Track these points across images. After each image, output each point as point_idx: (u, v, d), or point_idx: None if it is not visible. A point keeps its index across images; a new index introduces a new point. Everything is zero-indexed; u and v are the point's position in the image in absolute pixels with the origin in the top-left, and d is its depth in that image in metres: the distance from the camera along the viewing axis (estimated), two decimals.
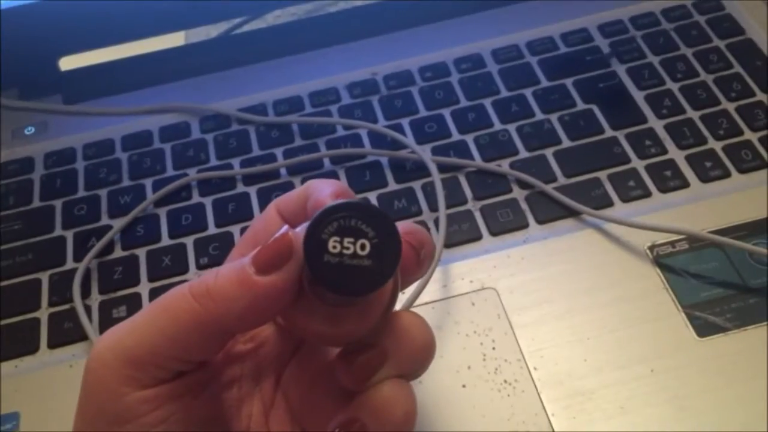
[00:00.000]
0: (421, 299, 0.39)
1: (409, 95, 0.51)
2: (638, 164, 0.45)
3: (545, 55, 0.52)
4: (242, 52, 0.56)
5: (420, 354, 0.26)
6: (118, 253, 0.44)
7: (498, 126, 0.48)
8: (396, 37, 0.55)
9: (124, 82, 0.54)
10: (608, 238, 0.42)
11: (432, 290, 0.40)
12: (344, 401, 0.26)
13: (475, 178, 0.45)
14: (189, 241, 0.44)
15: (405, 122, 0.49)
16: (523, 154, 0.46)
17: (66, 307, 0.42)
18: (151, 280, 0.43)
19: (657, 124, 0.47)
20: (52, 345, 0.41)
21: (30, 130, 0.52)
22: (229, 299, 0.23)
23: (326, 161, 0.47)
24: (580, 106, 0.49)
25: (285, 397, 0.28)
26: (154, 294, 0.42)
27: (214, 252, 0.44)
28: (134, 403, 0.23)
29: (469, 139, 0.47)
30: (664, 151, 0.45)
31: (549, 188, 0.44)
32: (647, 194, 0.44)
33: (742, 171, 0.44)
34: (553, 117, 0.48)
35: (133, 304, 0.42)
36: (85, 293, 0.42)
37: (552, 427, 0.35)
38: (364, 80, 0.52)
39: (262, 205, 0.45)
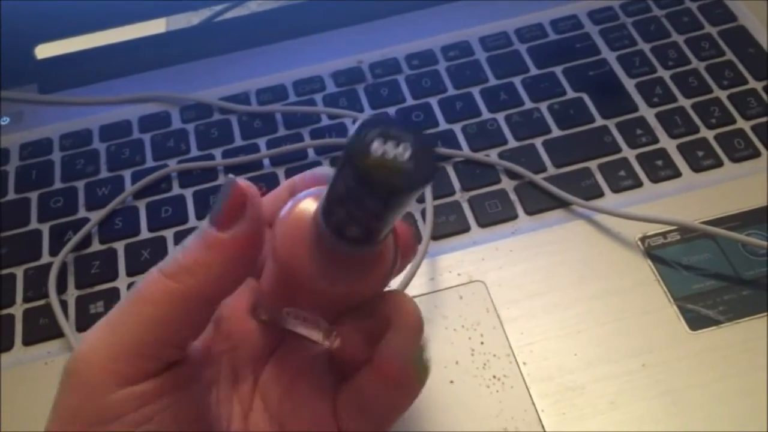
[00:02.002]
0: (408, 292, 0.38)
1: (395, 84, 0.49)
2: (629, 153, 0.44)
3: (534, 42, 0.51)
4: (224, 39, 0.55)
5: (415, 327, 0.25)
6: (96, 246, 0.43)
7: (486, 115, 0.47)
8: (382, 25, 0.54)
9: (103, 70, 0.53)
10: (599, 229, 0.41)
11: (419, 283, 0.39)
12: (328, 395, 0.26)
13: (463, 169, 0.44)
14: (169, 234, 0.43)
15: (391, 111, 0.48)
16: (512, 143, 0.45)
17: (41, 302, 0.41)
18: (129, 274, 0.42)
19: (648, 113, 0.46)
20: (27, 342, 0.40)
21: (5, 120, 0.50)
22: (203, 266, 0.23)
23: (310, 151, 0.46)
24: (570, 94, 0.48)
25: (263, 398, 0.27)
26: None
27: None
28: (118, 401, 0.22)
29: (456, 128, 0.46)
30: (656, 140, 0.45)
31: (538, 178, 0.43)
32: (638, 184, 0.43)
33: (734, 160, 0.43)
34: (543, 106, 0.47)
35: (111, 299, 0.41)
36: (62, 288, 0.41)
37: (542, 422, 0.35)
38: (350, 68, 0.51)
39: None
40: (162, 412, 0.23)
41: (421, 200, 0.43)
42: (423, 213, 0.42)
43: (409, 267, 0.38)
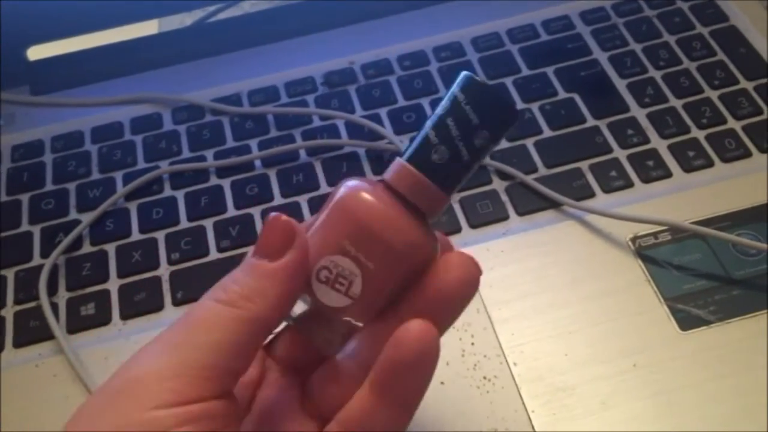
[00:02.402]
0: None
1: (387, 84, 0.49)
2: (620, 154, 0.44)
3: (526, 43, 0.51)
4: (217, 40, 0.55)
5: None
6: (87, 248, 0.43)
7: None
8: (374, 26, 0.54)
9: (95, 72, 0.53)
10: (590, 229, 0.41)
11: None
12: None
13: None
14: (160, 235, 0.43)
15: (383, 112, 0.48)
16: (504, 144, 0.45)
17: (32, 304, 0.41)
18: (120, 276, 0.42)
19: (639, 113, 0.46)
20: (18, 344, 0.40)
21: None
22: (260, 293, 0.24)
23: (302, 152, 0.46)
24: (562, 95, 0.48)
25: None
26: (123, 290, 0.41)
27: (186, 247, 0.42)
28: (172, 416, 0.22)
29: None
30: (647, 141, 0.45)
31: (529, 179, 0.43)
32: (629, 184, 0.43)
33: (725, 160, 0.43)
34: (534, 106, 0.47)
35: (102, 300, 0.41)
36: (52, 290, 0.41)
37: (532, 424, 0.35)
38: (342, 69, 0.51)
39: (236, 198, 0.44)
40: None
41: None
42: None
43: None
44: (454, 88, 0.25)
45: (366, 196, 0.25)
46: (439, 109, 0.25)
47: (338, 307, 0.26)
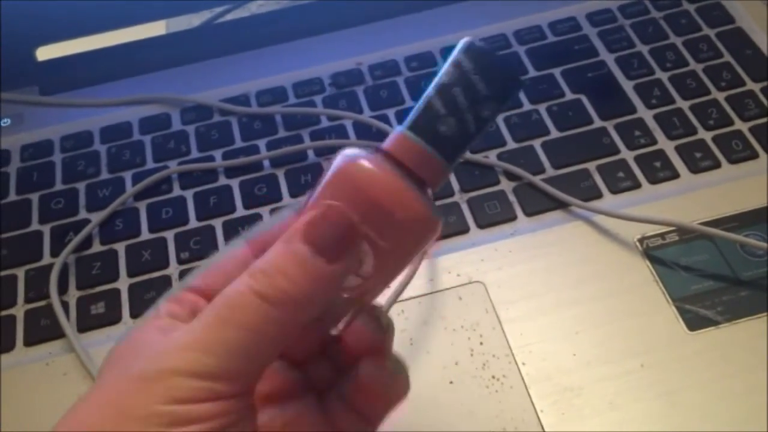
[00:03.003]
0: (407, 294, 0.39)
1: (394, 85, 0.50)
2: (627, 155, 0.44)
3: (533, 44, 0.51)
4: (225, 41, 0.55)
5: None
6: (97, 247, 0.43)
7: None
8: (381, 27, 0.54)
9: (103, 72, 0.53)
10: (597, 230, 0.41)
11: (418, 284, 0.39)
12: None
13: (463, 170, 0.44)
14: (170, 235, 0.43)
15: (390, 113, 0.48)
16: (511, 145, 0.45)
17: (43, 303, 0.41)
18: (130, 275, 0.42)
19: (646, 114, 0.46)
20: (29, 343, 0.40)
21: (6, 122, 0.51)
22: (307, 297, 0.22)
23: (310, 153, 0.46)
24: (569, 96, 0.48)
25: None
26: (133, 289, 0.41)
27: (196, 246, 0.42)
28: (200, 410, 0.21)
29: None
30: (654, 142, 0.45)
31: (537, 180, 0.43)
32: (636, 185, 0.43)
33: (732, 161, 0.43)
34: (542, 107, 0.47)
35: (112, 300, 0.41)
36: (63, 289, 0.41)
37: (541, 423, 0.35)
38: (349, 70, 0.51)
39: (245, 198, 0.44)
40: (235, 428, 0.22)
41: None
42: None
43: (408, 268, 0.38)
44: (458, 54, 0.23)
45: (371, 167, 0.23)
46: (443, 77, 0.24)
47: (348, 287, 0.25)
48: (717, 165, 0.43)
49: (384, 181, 0.23)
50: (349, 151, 0.24)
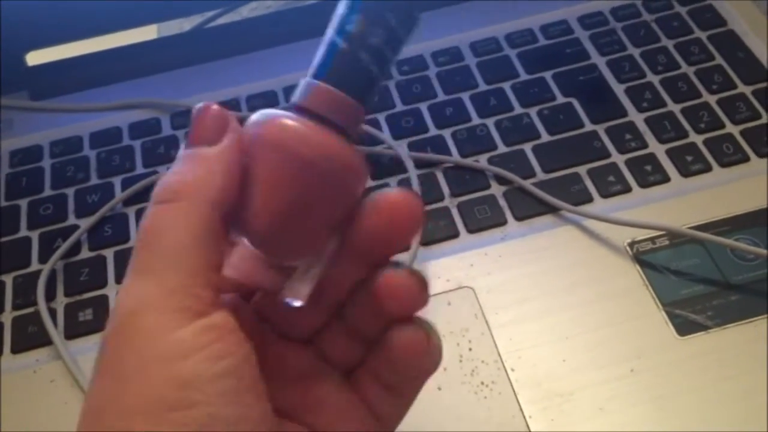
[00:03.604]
0: None
1: (385, 89, 0.49)
2: (618, 159, 0.44)
3: (524, 47, 0.51)
4: (216, 45, 0.55)
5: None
6: (85, 254, 0.43)
7: (476, 120, 0.47)
8: None
9: (94, 77, 0.53)
10: (587, 234, 0.41)
11: None
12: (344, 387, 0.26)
13: (453, 174, 0.44)
14: None
15: (381, 117, 0.48)
16: (502, 149, 0.45)
17: (30, 310, 0.41)
18: (118, 281, 0.42)
19: (637, 118, 0.46)
20: (16, 350, 0.40)
21: None
22: (202, 179, 0.22)
23: None
24: (560, 99, 0.48)
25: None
26: None
27: None
28: (194, 332, 0.21)
29: (446, 133, 0.46)
30: (645, 145, 0.45)
31: (527, 184, 0.43)
32: (627, 189, 0.43)
33: (723, 165, 0.43)
34: (532, 111, 0.47)
35: (100, 306, 0.41)
36: (51, 296, 0.41)
37: (529, 429, 0.35)
38: None
39: None
40: (239, 347, 0.22)
41: None
42: None
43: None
44: None
45: (292, 124, 0.23)
46: (343, 18, 0.23)
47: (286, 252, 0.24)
48: (708, 168, 0.43)
49: (306, 135, 0.23)
50: (264, 113, 0.23)
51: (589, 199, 0.42)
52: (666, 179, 0.43)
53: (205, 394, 0.20)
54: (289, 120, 0.23)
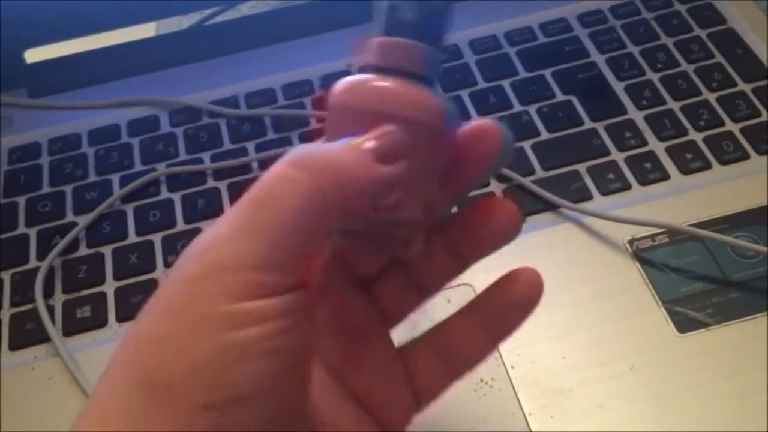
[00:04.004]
0: None
1: None
2: (618, 156, 0.44)
3: (524, 45, 0.51)
4: (215, 43, 0.54)
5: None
6: (83, 251, 0.43)
7: (475, 118, 0.47)
8: (371, 29, 0.54)
9: (92, 74, 0.53)
10: (587, 232, 0.41)
11: None
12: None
13: None
14: (157, 238, 0.43)
15: None
16: None
17: (28, 307, 0.41)
18: (116, 279, 0.41)
19: (637, 116, 0.46)
20: (14, 347, 0.39)
21: None
22: (350, 175, 0.21)
23: None
24: (559, 97, 0.48)
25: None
26: (119, 293, 0.41)
27: (183, 249, 0.42)
28: (262, 307, 0.20)
29: None
30: (644, 143, 0.44)
31: (527, 181, 0.43)
32: (627, 187, 0.43)
33: (723, 162, 0.43)
34: (532, 109, 0.47)
35: (98, 303, 0.40)
36: (48, 293, 0.41)
37: (529, 426, 0.34)
38: (339, 72, 0.51)
39: (233, 200, 0.44)
40: (294, 330, 0.20)
41: None
42: None
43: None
44: None
45: (376, 84, 0.23)
46: None
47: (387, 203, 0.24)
48: (708, 166, 0.43)
49: (394, 93, 0.23)
50: (345, 81, 0.24)
51: (589, 197, 0.42)
52: (666, 177, 0.43)
53: (242, 373, 0.19)
54: (385, 84, 0.23)
